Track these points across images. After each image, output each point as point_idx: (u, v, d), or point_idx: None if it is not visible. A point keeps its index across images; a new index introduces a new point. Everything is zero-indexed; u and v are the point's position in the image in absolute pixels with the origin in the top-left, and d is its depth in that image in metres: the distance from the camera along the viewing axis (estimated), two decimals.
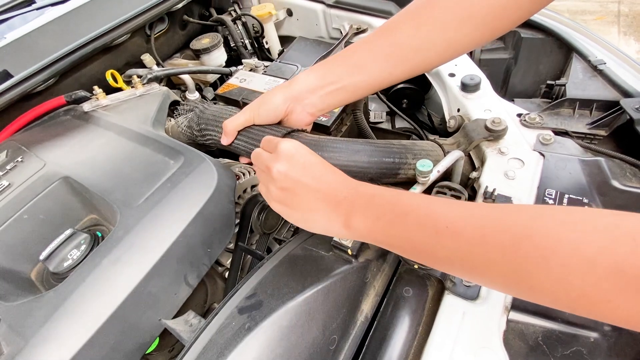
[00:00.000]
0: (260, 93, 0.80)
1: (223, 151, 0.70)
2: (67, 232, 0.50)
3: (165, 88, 0.76)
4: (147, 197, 0.49)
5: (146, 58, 0.84)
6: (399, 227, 0.34)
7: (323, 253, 0.49)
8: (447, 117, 0.72)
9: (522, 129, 0.59)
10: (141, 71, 0.81)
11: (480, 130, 0.58)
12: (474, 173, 0.58)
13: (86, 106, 0.70)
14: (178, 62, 1.02)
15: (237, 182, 0.62)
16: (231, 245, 0.65)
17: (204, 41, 0.90)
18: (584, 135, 0.57)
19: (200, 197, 0.50)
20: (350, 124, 0.81)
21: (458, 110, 0.69)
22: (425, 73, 0.77)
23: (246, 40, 1.07)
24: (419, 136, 0.94)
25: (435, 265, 0.34)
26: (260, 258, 0.59)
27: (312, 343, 0.40)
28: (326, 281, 0.44)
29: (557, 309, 0.27)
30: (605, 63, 0.61)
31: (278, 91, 0.53)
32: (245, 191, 0.66)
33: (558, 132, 0.57)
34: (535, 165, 0.53)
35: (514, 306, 0.40)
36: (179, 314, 0.49)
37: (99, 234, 0.53)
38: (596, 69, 0.62)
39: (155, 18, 0.88)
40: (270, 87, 0.81)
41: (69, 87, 0.78)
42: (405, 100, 0.98)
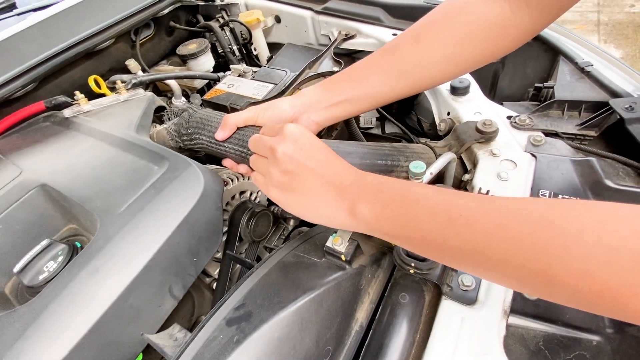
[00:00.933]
0: (248, 98, 0.78)
1: (210, 157, 0.68)
2: (44, 242, 0.47)
3: (150, 93, 0.74)
4: (129, 205, 0.47)
5: (131, 63, 0.82)
6: (408, 215, 0.32)
7: (315, 259, 0.47)
8: (437, 121, 0.72)
9: (512, 131, 0.59)
10: (126, 77, 0.79)
11: (471, 133, 0.58)
12: (467, 175, 0.57)
13: (67, 112, 0.68)
14: (164, 69, 1.01)
15: (225, 188, 0.60)
16: (219, 255, 0.63)
17: (190, 46, 0.89)
18: (574, 136, 0.57)
19: (186, 203, 0.48)
20: (340, 128, 0.80)
21: (448, 113, 0.69)
22: None
23: (234, 47, 1.06)
24: (409, 141, 0.94)
25: (445, 258, 0.32)
26: (249, 267, 0.57)
27: (305, 355, 0.38)
28: (319, 289, 0.42)
29: (574, 306, 0.26)
30: (593, 65, 0.62)
31: (286, 99, 0.53)
32: (233, 197, 0.64)
33: (548, 134, 0.57)
34: (527, 167, 0.52)
35: (513, 310, 0.39)
36: (163, 327, 0.46)
37: (78, 245, 0.50)
38: (583, 71, 0.63)
39: (140, 24, 0.87)
40: (259, 92, 0.80)
41: (49, 93, 0.76)
42: (394, 105, 0.97)
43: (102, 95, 0.73)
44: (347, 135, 0.76)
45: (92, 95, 0.72)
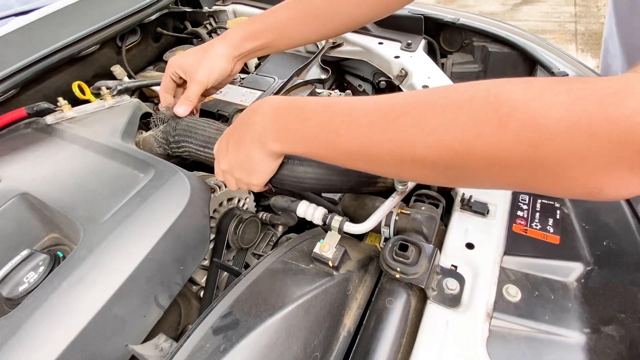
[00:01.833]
0: (236, 104, 0.79)
1: (198, 164, 0.68)
2: (24, 252, 0.46)
3: (136, 100, 0.73)
4: (113, 213, 0.46)
5: (116, 69, 0.81)
6: (305, 133, 0.36)
7: (303, 266, 0.47)
8: None
9: None
10: (111, 83, 0.78)
11: None
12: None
13: (49, 119, 0.66)
14: (151, 75, 1.00)
15: (213, 195, 0.60)
16: (206, 262, 0.62)
17: (177, 53, 0.88)
18: None
19: (172, 211, 0.47)
20: None
21: None
22: (399, 85, 0.79)
23: None
24: None
25: (346, 162, 0.36)
26: (237, 274, 0.56)
27: None
28: (306, 295, 0.42)
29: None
30: (568, 74, 0.65)
31: (220, 52, 0.59)
32: (221, 204, 0.63)
33: None
34: None
35: (496, 312, 0.40)
36: (149, 338, 0.45)
37: (60, 255, 0.49)
38: None
39: (126, 30, 0.86)
40: (247, 99, 0.80)
41: (31, 99, 0.74)
42: None
43: (87, 101, 0.72)
44: None
45: (76, 102, 0.71)
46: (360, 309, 0.46)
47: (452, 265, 0.44)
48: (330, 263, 0.45)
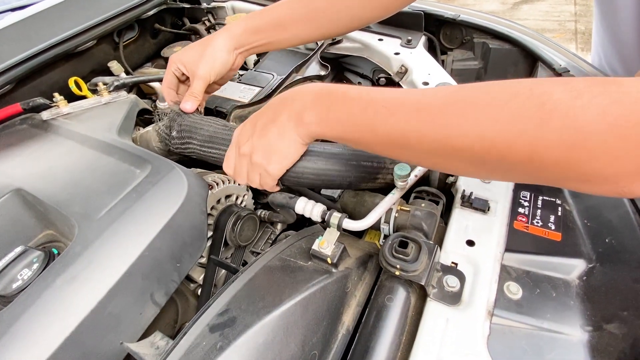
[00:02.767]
0: (234, 101, 0.78)
1: (195, 161, 0.67)
2: (18, 249, 0.45)
3: (133, 96, 0.73)
4: (109, 209, 0.46)
5: (113, 65, 0.81)
6: (346, 114, 0.37)
7: (301, 263, 0.46)
8: None
9: None
10: (108, 79, 0.77)
11: None
12: (451, 178, 0.58)
13: (45, 114, 0.65)
14: (148, 71, 0.99)
15: (210, 191, 0.59)
16: (204, 260, 0.61)
17: (175, 49, 0.88)
18: None
19: (169, 207, 0.47)
20: None
21: None
22: (399, 82, 0.79)
23: None
24: None
25: (384, 149, 0.37)
26: (234, 272, 0.56)
27: None
28: (305, 292, 0.42)
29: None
30: (569, 70, 0.64)
31: (222, 44, 0.59)
32: (219, 201, 0.63)
33: None
34: None
35: (497, 309, 0.39)
36: (145, 336, 0.45)
37: (55, 251, 0.48)
38: (560, 76, 0.65)
39: (124, 25, 0.85)
40: (245, 95, 0.79)
41: (27, 95, 0.73)
42: None
43: (83, 97, 0.71)
44: None
45: (72, 98, 0.70)
46: (359, 307, 0.45)
47: (452, 262, 0.44)
48: (329, 260, 0.44)
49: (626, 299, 0.38)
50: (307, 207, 0.48)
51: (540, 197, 0.49)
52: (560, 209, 0.47)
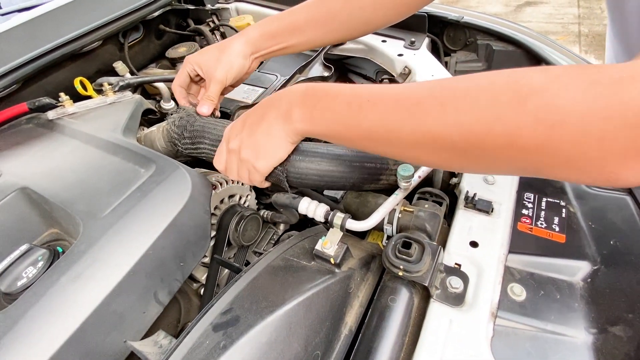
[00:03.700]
0: (238, 101, 0.78)
1: (200, 161, 0.67)
2: (23, 247, 0.45)
3: (138, 96, 0.73)
4: (113, 208, 0.46)
5: (119, 65, 0.81)
6: (331, 111, 0.37)
7: (304, 263, 0.46)
8: None
9: None
10: (113, 79, 0.77)
11: None
12: (454, 179, 0.58)
13: (51, 114, 0.66)
14: (153, 72, 0.99)
15: (214, 191, 0.59)
16: (207, 260, 0.61)
17: (180, 49, 0.88)
18: None
19: (173, 206, 0.47)
20: None
21: None
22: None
23: None
24: None
25: (369, 145, 0.37)
26: (237, 271, 0.56)
27: None
28: (308, 293, 0.42)
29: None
30: None
31: (237, 49, 0.59)
32: (222, 201, 0.63)
33: None
34: None
35: (501, 311, 0.39)
36: (148, 334, 0.45)
37: (60, 250, 0.48)
38: None
39: (129, 26, 0.86)
40: (248, 96, 0.80)
41: (33, 95, 0.74)
42: None
43: (88, 97, 0.72)
44: None
45: (77, 98, 0.71)
46: (362, 307, 0.45)
47: (455, 263, 0.44)
48: (332, 260, 0.44)
49: (631, 301, 0.37)
50: (310, 208, 0.48)
51: (545, 199, 0.49)
52: (564, 210, 0.47)
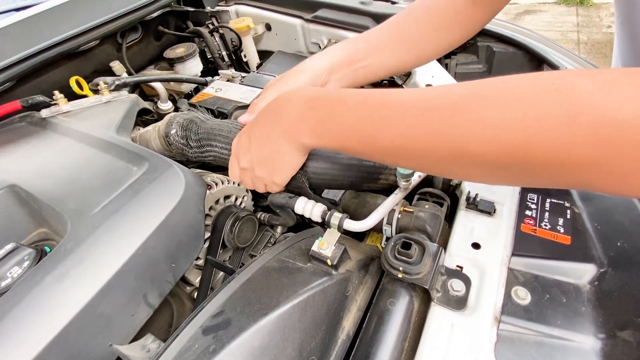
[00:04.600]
0: (236, 102, 0.77)
1: (194, 162, 0.66)
2: (9, 246, 0.44)
3: (134, 95, 0.72)
4: (103, 206, 0.45)
5: (115, 65, 0.80)
6: (340, 126, 0.34)
7: (300, 265, 0.45)
8: None
9: None
10: (109, 78, 0.76)
11: None
12: (455, 180, 0.57)
13: (44, 112, 0.65)
14: (151, 73, 0.99)
15: (209, 191, 0.58)
16: (201, 262, 0.60)
17: (178, 50, 0.88)
18: None
19: (165, 205, 0.45)
20: None
21: None
22: (402, 85, 0.78)
23: (223, 52, 1.05)
24: None
25: (387, 158, 0.34)
26: (231, 273, 0.54)
27: None
28: (303, 295, 0.40)
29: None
30: None
31: (316, 62, 0.53)
32: (217, 202, 0.61)
33: None
34: None
35: (504, 315, 0.37)
36: (137, 339, 0.43)
37: (48, 249, 0.47)
38: None
39: (127, 26, 0.85)
40: (247, 97, 0.79)
41: (28, 93, 0.72)
42: None
43: (84, 96, 0.71)
44: None
45: (73, 97, 0.70)
46: (360, 312, 0.43)
47: (457, 265, 0.42)
48: (329, 261, 0.42)
49: None
50: (307, 207, 0.46)
51: (548, 200, 0.47)
52: (569, 211, 0.45)
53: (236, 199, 0.66)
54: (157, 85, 0.81)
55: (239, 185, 0.66)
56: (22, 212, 0.50)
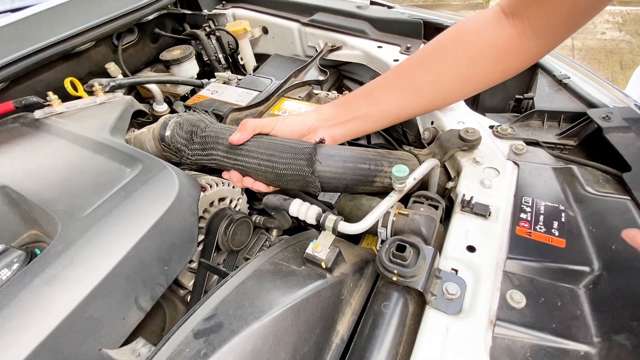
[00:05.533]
0: (232, 104, 0.77)
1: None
2: None
3: (129, 97, 0.72)
4: (95, 208, 0.44)
5: (111, 67, 0.80)
6: None
7: (294, 267, 0.44)
8: (421, 130, 0.72)
9: (495, 140, 0.59)
10: (105, 80, 0.76)
11: (454, 140, 0.58)
12: (450, 183, 0.57)
13: (38, 113, 0.64)
14: (147, 75, 0.98)
15: (203, 193, 0.57)
16: (194, 265, 0.59)
17: (174, 52, 0.87)
18: (554, 145, 0.57)
19: (158, 207, 0.45)
20: None
21: (432, 122, 0.69)
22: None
23: (220, 55, 1.05)
24: (395, 149, 0.93)
25: None
26: (225, 276, 0.53)
27: None
28: (297, 298, 0.40)
29: None
30: (570, 77, 0.64)
31: (306, 113, 0.54)
32: (212, 204, 0.61)
33: (529, 143, 0.57)
34: (510, 174, 0.52)
35: (500, 319, 0.37)
36: (129, 342, 0.42)
37: (38, 252, 0.46)
38: (561, 83, 0.64)
39: (123, 28, 0.85)
40: (243, 99, 0.79)
41: (22, 94, 0.72)
42: None
43: (78, 98, 0.70)
44: None
45: (68, 99, 0.69)
46: (354, 315, 0.43)
47: (452, 269, 0.42)
48: (323, 264, 0.42)
49: (636, 308, 0.36)
50: (301, 209, 0.46)
51: (543, 203, 0.47)
52: (563, 215, 0.45)
53: (231, 201, 0.66)
54: (153, 87, 0.81)
55: (233, 187, 0.65)
56: (12, 213, 0.49)
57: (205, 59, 1.06)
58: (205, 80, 0.88)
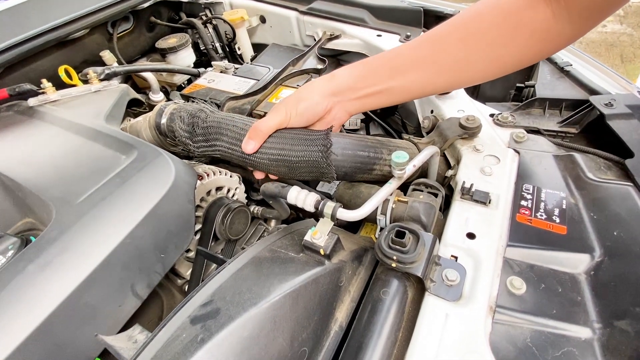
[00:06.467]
0: (229, 93, 0.76)
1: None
2: None
3: (125, 85, 0.71)
4: (89, 194, 0.43)
5: (106, 55, 0.79)
6: None
7: (293, 254, 0.44)
8: (420, 119, 0.71)
9: (495, 128, 0.58)
10: (99, 68, 0.75)
11: (454, 129, 0.57)
12: (450, 171, 0.56)
13: (32, 101, 0.63)
14: (143, 64, 0.97)
15: (200, 182, 0.57)
16: (192, 254, 0.59)
17: (170, 40, 0.86)
18: (555, 133, 0.57)
19: (154, 194, 0.44)
20: None
21: (432, 111, 0.68)
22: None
23: (217, 44, 1.04)
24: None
25: None
26: (222, 264, 0.53)
27: (277, 356, 0.34)
28: (295, 285, 0.39)
29: None
30: (572, 65, 0.63)
31: (317, 86, 0.48)
32: (209, 193, 0.60)
33: (530, 131, 0.57)
34: (510, 162, 0.52)
35: (500, 305, 0.37)
36: (126, 330, 0.42)
37: (33, 239, 0.45)
38: (563, 70, 0.63)
39: (118, 16, 0.84)
40: (240, 88, 0.78)
41: (16, 82, 0.71)
42: None
43: (73, 86, 0.69)
44: None
45: (62, 87, 0.68)
46: (353, 303, 0.43)
47: (452, 255, 0.41)
48: (322, 251, 0.41)
49: (637, 293, 0.35)
50: (299, 197, 0.45)
51: (544, 190, 0.47)
52: (564, 201, 0.45)
53: (228, 190, 0.65)
54: (149, 76, 0.80)
55: (231, 176, 0.65)
56: (7, 201, 0.49)
57: (202, 48, 1.04)
58: (201, 69, 0.87)
